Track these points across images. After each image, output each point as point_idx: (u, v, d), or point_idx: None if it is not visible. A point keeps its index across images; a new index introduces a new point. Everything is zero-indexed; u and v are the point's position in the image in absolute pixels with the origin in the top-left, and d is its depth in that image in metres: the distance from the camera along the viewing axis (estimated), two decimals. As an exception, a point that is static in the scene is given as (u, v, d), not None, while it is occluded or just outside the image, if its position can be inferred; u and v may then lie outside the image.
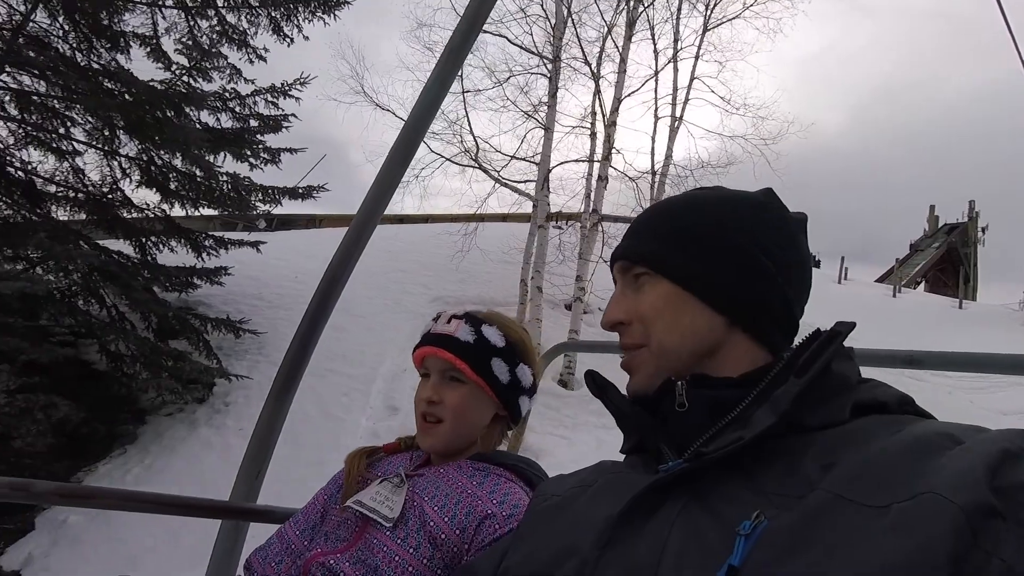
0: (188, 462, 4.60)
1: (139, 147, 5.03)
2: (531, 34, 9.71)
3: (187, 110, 5.05)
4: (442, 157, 9.79)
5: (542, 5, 9.64)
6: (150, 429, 5.02)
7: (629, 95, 9.53)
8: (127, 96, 4.69)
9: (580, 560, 0.52)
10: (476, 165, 9.65)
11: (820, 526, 0.41)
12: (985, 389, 8.63)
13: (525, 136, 9.68)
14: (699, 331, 0.59)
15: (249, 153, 5.72)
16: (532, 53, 9.54)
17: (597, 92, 9.65)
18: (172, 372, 5.04)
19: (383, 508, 0.86)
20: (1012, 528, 0.36)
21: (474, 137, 9.70)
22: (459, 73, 0.80)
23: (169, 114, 4.73)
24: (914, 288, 20.57)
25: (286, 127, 6.02)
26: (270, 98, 5.85)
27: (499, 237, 9.99)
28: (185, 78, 5.42)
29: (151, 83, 5.05)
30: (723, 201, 0.64)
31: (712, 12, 10.07)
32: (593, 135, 9.80)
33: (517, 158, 9.62)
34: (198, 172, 5.31)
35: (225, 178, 5.52)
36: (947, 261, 24.84)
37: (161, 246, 5.80)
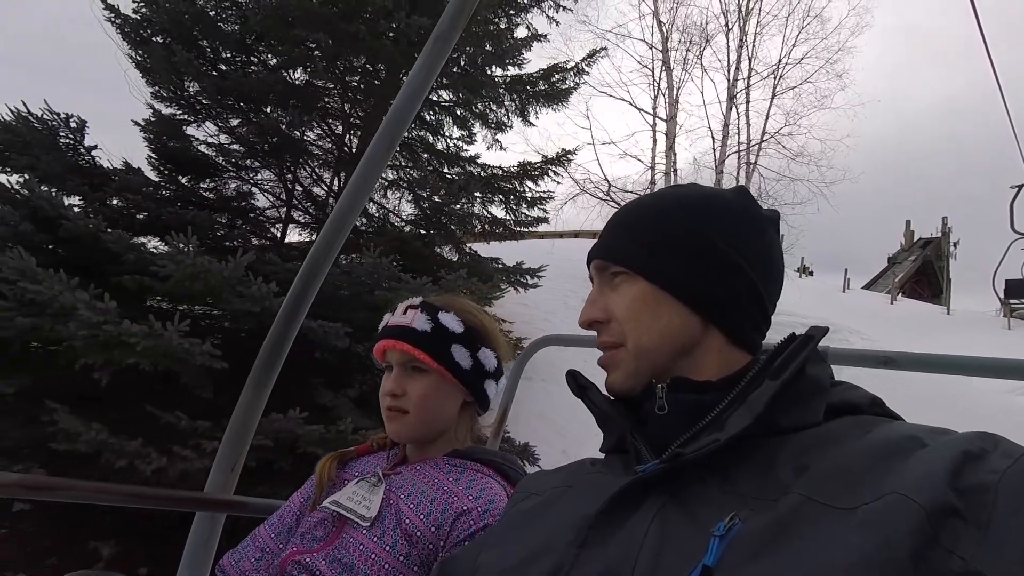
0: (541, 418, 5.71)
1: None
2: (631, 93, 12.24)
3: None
4: (582, 189, 12.55)
5: (652, 73, 12.62)
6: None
7: (731, 154, 12.71)
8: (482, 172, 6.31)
9: (556, 558, 0.52)
10: (609, 199, 12.44)
11: (791, 528, 0.42)
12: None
13: (652, 178, 12.83)
14: (674, 331, 0.59)
15: (530, 197, 7.16)
16: (650, 114, 12.91)
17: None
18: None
19: (360, 508, 0.86)
20: (971, 527, 0.37)
21: (605, 177, 12.63)
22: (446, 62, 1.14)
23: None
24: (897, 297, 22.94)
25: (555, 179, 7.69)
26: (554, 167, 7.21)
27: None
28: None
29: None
30: (697, 199, 0.63)
31: (779, 81, 13.01)
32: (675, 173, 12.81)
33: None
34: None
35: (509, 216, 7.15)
36: (922, 273, 25.96)
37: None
